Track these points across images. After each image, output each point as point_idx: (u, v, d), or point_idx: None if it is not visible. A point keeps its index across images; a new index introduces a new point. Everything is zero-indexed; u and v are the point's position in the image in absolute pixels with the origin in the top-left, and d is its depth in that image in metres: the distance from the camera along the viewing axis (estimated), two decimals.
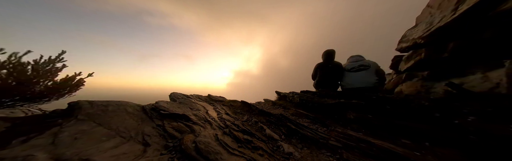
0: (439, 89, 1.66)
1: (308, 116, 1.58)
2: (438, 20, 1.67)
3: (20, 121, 1.23)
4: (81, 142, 0.95)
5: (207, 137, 1.12)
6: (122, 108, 1.50)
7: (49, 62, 1.50)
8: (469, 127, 0.97)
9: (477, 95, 1.28)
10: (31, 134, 1.01)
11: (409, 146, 0.97)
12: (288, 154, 1.04)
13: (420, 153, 0.89)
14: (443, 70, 1.71)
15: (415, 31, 2.09)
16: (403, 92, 2.15)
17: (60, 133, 1.00)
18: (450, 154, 0.86)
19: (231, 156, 0.94)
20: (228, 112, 1.89)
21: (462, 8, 1.41)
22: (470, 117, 1.07)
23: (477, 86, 1.38)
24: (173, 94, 2.53)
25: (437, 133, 1.00)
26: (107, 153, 0.88)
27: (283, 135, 1.32)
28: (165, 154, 0.96)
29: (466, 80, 1.48)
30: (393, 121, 1.20)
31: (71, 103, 1.40)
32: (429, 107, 1.27)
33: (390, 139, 1.08)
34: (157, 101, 1.88)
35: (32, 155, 0.77)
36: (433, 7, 2.11)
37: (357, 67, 2.14)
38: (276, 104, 2.22)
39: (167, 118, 1.46)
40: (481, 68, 1.40)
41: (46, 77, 1.47)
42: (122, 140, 1.06)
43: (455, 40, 1.56)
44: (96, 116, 1.27)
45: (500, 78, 1.24)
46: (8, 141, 0.92)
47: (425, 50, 1.84)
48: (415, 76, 2.08)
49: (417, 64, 2.01)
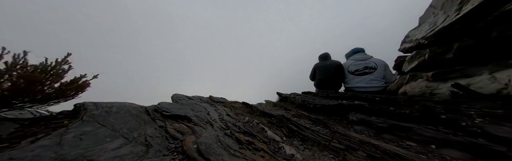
0: (445, 90, 1.62)
1: (310, 117, 1.57)
2: (441, 20, 1.65)
3: (28, 122, 1.27)
4: (86, 142, 0.97)
5: (209, 138, 1.12)
6: (126, 109, 1.53)
7: (56, 65, 1.55)
8: (477, 129, 0.94)
9: (485, 96, 1.24)
10: (38, 134, 1.04)
11: (414, 149, 0.95)
12: (290, 156, 1.03)
13: (425, 156, 0.87)
14: (448, 71, 1.68)
15: (418, 31, 2.06)
16: (407, 93, 2.11)
17: (66, 134, 1.03)
18: (456, 157, 0.84)
19: (232, 158, 0.94)
20: (229, 113, 1.90)
21: (467, 8, 1.39)
22: (478, 119, 1.04)
23: (484, 87, 1.34)
24: (175, 95, 2.56)
25: (443, 136, 0.98)
26: (111, 154, 0.89)
27: (284, 136, 1.31)
28: (167, 155, 0.97)
29: (472, 81, 1.45)
30: (397, 123, 1.17)
31: (77, 104, 1.43)
32: (434, 109, 1.24)
33: (394, 141, 1.05)
34: (159, 102, 1.90)
35: (39, 156, 0.79)
36: (436, 7, 2.08)
37: (362, 69, 1.89)
38: (277, 105, 2.21)
39: (169, 119, 1.48)
40: (488, 69, 1.37)
41: (54, 79, 1.52)
42: (125, 141, 1.08)
43: (460, 41, 1.53)
44: (100, 117, 1.30)
45: (509, 79, 1.20)
46: (17, 142, 0.96)
47: (429, 51, 1.82)
48: (419, 77, 2.04)
49: (421, 65, 1.97)
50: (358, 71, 1.91)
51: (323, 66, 2.30)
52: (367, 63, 1.91)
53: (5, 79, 1.22)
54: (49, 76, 1.46)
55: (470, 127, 0.98)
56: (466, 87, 1.38)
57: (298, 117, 1.64)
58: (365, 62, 1.93)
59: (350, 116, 1.44)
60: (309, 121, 1.52)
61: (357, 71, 1.91)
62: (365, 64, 1.92)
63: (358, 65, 1.94)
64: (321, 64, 2.34)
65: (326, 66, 2.28)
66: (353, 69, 1.95)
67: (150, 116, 1.54)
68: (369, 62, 1.91)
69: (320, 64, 2.36)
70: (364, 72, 1.87)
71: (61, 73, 1.57)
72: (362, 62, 1.94)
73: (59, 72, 1.55)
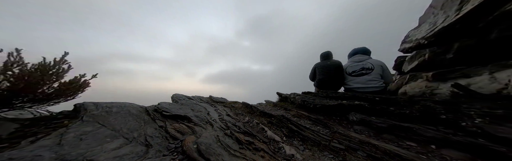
0: (445, 90, 1.62)
1: (310, 117, 1.57)
2: (441, 20, 1.65)
3: (28, 122, 1.27)
4: (86, 142, 0.97)
5: (209, 138, 1.12)
6: (126, 109, 1.53)
7: (54, 64, 1.55)
8: (477, 129, 0.94)
9: (485, 96, 1.24)
10: (39, 134, 1.04)
11: (414, 149, 0.95)
12: (290, 156, 1.03)
13: (426, 156, 0.87)
14: (448, 71, 1.68)
15: (418, 31, 2.06)
16: (407, 93, 2.11)
17: (66, 133, 1.03)
18: (457, 157, 0.84)
19: (232, 158, 0.94)
20: (229, 113, 1.90)
21: (467, 8, 1.39)
22: (478, 119, 1.04)
23: (484, 87, 1.34)
24: (175, 95, 2.56)
25: (443, 136, 0.98)
26: (111, 154, 0.89)
27: (284, 136, 1.31)
28: (167, 155, 0.97)
29: (472, 81, 1.45)
30: (397, 123, 1.17)
31: (77, 104, 1.43)
32: (434, 109, 1.24)
33: (394, 142, 1.05)
34: (159, 102, 1.90)
35: (39, 156, 0.79)
36: (436, 7, 2.08)
37: (358, 71, 1.92)
38: (277, 105, 2.21)
39: (169, 119, 1.48)
40: (488, 69, 1.37)
41: (54, 79, 1.52)
42: (125, 141, 1.08)
43: (460, 41, 1.53)
44: (100, 117, 1.30)
45: (509, 79, 1.20)
46: (17, 142, 0.96)
47: (429, 51, 1.82)
48: (419, 77, 2.04)
49: (421, 65, 1.97)
50: (355, 72, 1.94)
51: (323, 66, 2.30)
52: (364, 65, 1.94)
53: (3, 79, 1.22)
54: (48, 76, 1.46)
55: (470, 127, 0.98)
56: (466, 87, 1.38)
57: (298, 117, 1.64)
58: (362, 63, 1.97)
59: (350, 116, 1.44)
60: (309, 121, 1.52)
61: (354, 73, 1.95)
62: (362, 66, 1.95)
63: (355, 67, 1.98)
64: (322, 64, 2.33)
65: (326, 66, 2.27)
66: (350, 71, 1.99)
67: (150, 116, 1.54)
68: (365, 63, 1.95)
69: (320, 64, 2.35)
70: (361, 73, 1.91)
71: (61, 73, 1.57)
72: (359, 64, 1.98)
73: (59, 72, 1.55)
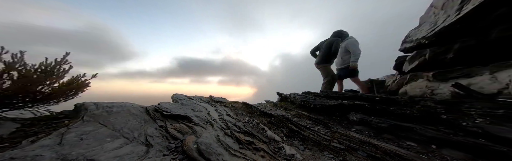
0: (445, 90, 1.62)
1: (310, 117, 1.57)
2: (442, 20, 1.64)
3: (29, 122, 1.27)
4: (87, 142, 0.97)
5: (209, 138, 1.12)
6: (126, 109, 1.53)
7: (55, 65, 1.55)
8: (478, 129, 0.94)
9: (486, 96, 1.24)
10: (39, 134, 1.05)
11: (414, 149, 0.95)
12: (290, 156, 1.03)
13: (426, 156, 0.87)
14: (449, 71, 1.67)
15: (418, 31, 2.06)
16: (407, 93, 2.11)
17: (67, 133, 1.03)
18: (457, 157, 0.84)
19: (232, 158, 0.94)
20: (229, 113, 1.90)
21: (467, 7, 1.39)
22: (478, 119, 1.04)
23: (485, 87, 1.34)
24: (175, 95, 2.56)
25: (444, 136, 0.97)
26: (111, 154, 0.89)
27: (284, 136, 1.31)
28: (167, 155, 0.97)
29: (473, 81, 1.44)
30: (398, 123, 1.17)
31: (77, 104, 1.43)
32: (435, 109, 1.24)
33: (394, 142, 1.05)
34: (160, 102, 1.91)
35: (40, 155, 0.80)
36: (437, 7, 2.08)
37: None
38: (277, 105, 2.21)
39: (170, 119, 1.48)
40: (488, 69, 1.36)
41: (54, 79, 1.52)
42: (126, 140, 1.08)
43: (460, 41, 1.53)
44: (101, 117, 1.30)
45: (510, 79, 1.20)
46: (18, 141, 0.96)
47: (429, 51, 1.81)
48: (419, 77, 2.04)
49: (422, 65, 1.97)
50: None
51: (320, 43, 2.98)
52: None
53: (5, 79, 1.22)
54: (49, 76, 1.46)
55: (470, 127, 0.97)
56: (467, 87, 1.38)
57: (298, 117, 1.64)
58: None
59: (350, 116, 1.44)
60: (309, 121, 1.52)
61: None
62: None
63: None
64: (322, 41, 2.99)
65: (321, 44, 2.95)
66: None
67: (151, 116, 1.54)
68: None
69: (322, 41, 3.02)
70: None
71: (61, 73, 1.57)
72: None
73: (59, 72, 1.55)
